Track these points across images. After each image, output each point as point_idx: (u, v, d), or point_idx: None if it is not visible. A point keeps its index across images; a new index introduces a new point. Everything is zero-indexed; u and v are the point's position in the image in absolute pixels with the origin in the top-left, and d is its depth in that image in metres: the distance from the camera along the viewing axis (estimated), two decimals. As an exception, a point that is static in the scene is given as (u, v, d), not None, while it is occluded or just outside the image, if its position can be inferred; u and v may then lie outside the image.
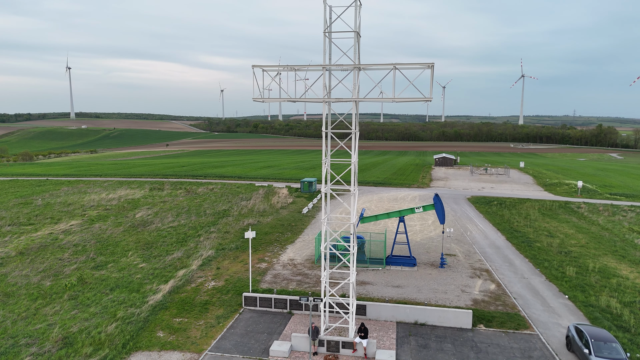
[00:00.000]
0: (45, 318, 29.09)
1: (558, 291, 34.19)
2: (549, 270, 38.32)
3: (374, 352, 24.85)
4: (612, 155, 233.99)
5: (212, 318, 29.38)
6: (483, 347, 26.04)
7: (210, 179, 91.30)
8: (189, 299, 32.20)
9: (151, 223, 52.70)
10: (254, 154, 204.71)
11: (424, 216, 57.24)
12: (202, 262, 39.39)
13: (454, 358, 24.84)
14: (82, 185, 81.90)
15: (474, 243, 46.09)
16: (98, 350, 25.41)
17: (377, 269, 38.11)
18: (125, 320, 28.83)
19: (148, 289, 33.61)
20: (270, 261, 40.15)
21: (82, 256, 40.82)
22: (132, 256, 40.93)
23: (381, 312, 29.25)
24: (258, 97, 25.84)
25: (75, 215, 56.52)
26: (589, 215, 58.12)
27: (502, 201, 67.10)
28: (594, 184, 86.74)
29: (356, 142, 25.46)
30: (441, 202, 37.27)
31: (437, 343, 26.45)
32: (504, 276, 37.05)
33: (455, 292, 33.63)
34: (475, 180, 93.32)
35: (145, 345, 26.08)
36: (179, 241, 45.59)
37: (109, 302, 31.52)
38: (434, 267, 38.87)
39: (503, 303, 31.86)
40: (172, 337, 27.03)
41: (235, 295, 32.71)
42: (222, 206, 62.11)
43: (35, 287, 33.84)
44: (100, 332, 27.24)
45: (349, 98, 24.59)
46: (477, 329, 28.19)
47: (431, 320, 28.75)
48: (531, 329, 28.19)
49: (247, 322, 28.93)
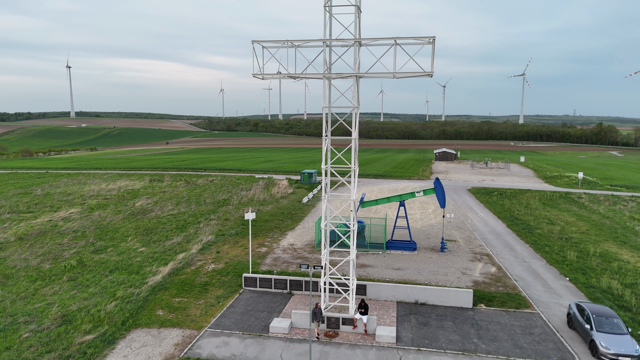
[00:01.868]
0: (45, 298, 28.98)
1: (559, 274, 34.08)
2: (549, 254, 38.21)
3: (374, 328, 24.74)
4: (612, 153, 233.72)
5: (211, 298, 29.27)
6: (484, 324, 25.93)
7: (210, 172, 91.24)
8: (188, 280, 32.09)
9: (151, 211, 52.60)
10: (254, 151, 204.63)
11: (424, 205, 57.10)
12: (202, 246, 39.29)
13: (455, 334, 24.74)
14: (82, 178, 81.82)
15: (474, 230, 45.99)
16: (97, 326, 25.30)
17: (378, 253, 38.00)
18: (125, 299, 28.72)
19: (147, 271, 33.51)
20: (270, 246, 40.04)
21: (82, 241, 40.72)
22: (131, 241, 40.83)
23: (381, 291, 29.14)
24: (257, 73, 25.73)
25: (75, 204, 56.41)
26: (589, 205, 58.00)
27: (502, 192, 67.01)
28: (594, 176, 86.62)
29: (357, 120, 25.33)
30: (441, 186, 37.17)
31: (437, 321, 26.34)
32: (504, 260, 36.94)
33: (456, 274, 33.52)
34: (475, 174, 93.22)
35: (145, 323, 25.97)
36: (179, 227, 45.48)
37: (109, 282, 31.42)
38: (434, 251, 38.76)
39: (504, 284, 31.75)
40: (172, 315, 26.92)
41: (235, 277, 32.60)
42: (222, 196, 62.00)
43: (35, 270, 33.74)
44: (100, 310, 27.14)
45: (350, 73, 24.47)
46: (478, 308, 28.07)
47: (432, 299, 28.63)
48: (532, 308, 28.08)
49: (247, 301, 28.83)
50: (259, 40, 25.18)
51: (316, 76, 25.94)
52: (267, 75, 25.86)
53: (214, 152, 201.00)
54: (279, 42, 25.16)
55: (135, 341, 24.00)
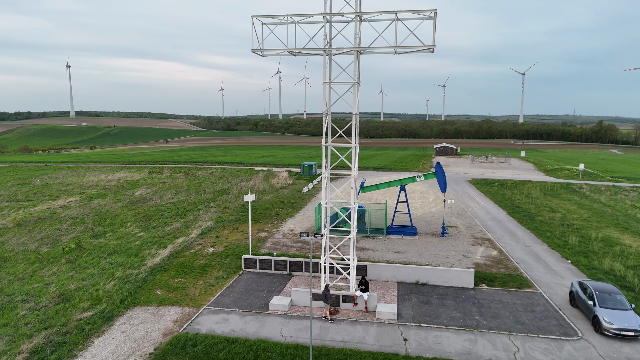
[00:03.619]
0: (42, 279, 28.74)
1: (560, 257, 33.87)
2: (551, 239, 37.99)
3: (374, 305, 24.51)
4: (612, 151, 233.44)
5: (211, 279, 29.05)
6: (485, 303, 25.70)
7: (210, 165, 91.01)
8: (187, 262, 31.87)
9: (150, 200, 52.37)
10: (254, 149, 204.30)
11: (424, 195, 56.86)
12: (202, 231, 39.06)
13: (456, 312, 24.51)
14: (81, 170, 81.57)
15: (475, 217, 45.76)
16: (96, 304, 25.07)
17: (378, 237, 37.77)
18: (124, 279, 28.50)
19: (146, 254, 33.29)
20: (270, 231, 39.82)
21: (81, 227, 40.49)
22: (130, 227, 40.60)
23: (382, 272, 28.91)
24: (257, 49, 25.51)
25: (74, 194, 56.18)
26: (590, 195, 57.78)
27: (503, 183, 66.80)
28: (595, 169, 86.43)
29: (357, 95, 25.10)
30: (442, 170, 36.95)
31: (438, 300, 26.11)
32: (505, 244, 36.72)
33: (457, 257, 33.30)
34: (475, 167, 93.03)
35: (144, 301, 25.74)
36: (178, 214, 45.26)
37: (107, 264, 31.19)
38: (435, 236, 38.53)
39: (505, 266, 31.53)
40: (171, 294, 26.70)
41: (234, 259, 32.38)
42: (222, 186, 61.78)
43: (33, 253, 33.52)
44: (98, 289, 26.91)
45: (350, 47, 24.24)
46: (479, 288, 27.85)
47: (432, 280, 28.41)
48: (534, 288, 27.86)
49: (247, 282, 28.61)
50: (258, 16, 24.96)
51: (316, 52, 25.72)
52: (267, 51, 25.65)
53: (213, 149, 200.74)
54: (279, 17, 24.94)
55: (134, 318, 23.78)
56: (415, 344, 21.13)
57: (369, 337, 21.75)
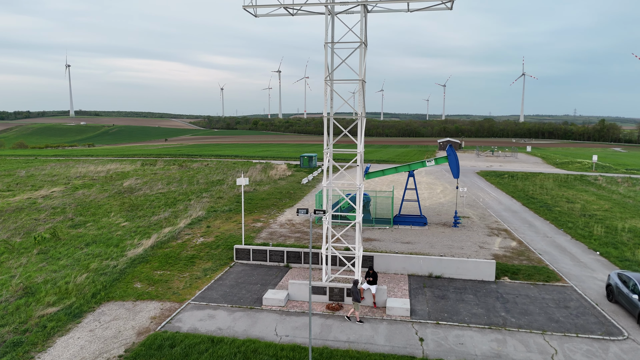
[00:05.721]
0: (9, 270, 25.49)
1: (587, 248, 30.60)
2: (573, 230, 34.72)
3: (384, 300, 21.24)
4: (615, 149, 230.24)
5: (198, 271, 25.79)
6: (510, 297, 22.43)
7: (206, 158, 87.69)
8: (173, 253, 28.60)
9: (139, 190, 49.07)
10: (253, 146, 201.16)
11: (431, 185, 53.55)
12: (191, 221, 35.79)
13: (478, 307, 21.24)
14: (72, 163, 78.26)
15: (487, 207, 42.49)
16: (63, 299, 21.80)
17: (384, 228, 34.51)
18: (99, 271, 25.23)
19: (128, 244, 30.01)
20: (267, 221, 36.55)
21: (60, 217, 37.23)
22: (114, 216, 37.34)
23: (390, 263, 25.64)
24: (249, 5, 22.25)
25: (59, 184, 52.88)
26: (607, 186, 54.49)
27: (513, 174, 63.50)
28: (606, 162, 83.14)
29: (364, 58, 21.85)
30: (455, 154, 33.68)
31: (456, 294, 22.84)
32: (525, 235, 33.45)
33: (473, 248, 30.04)
34: (482, 161, 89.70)
35: (119, 296, 22.47)
36: (168, 204, 41.98)
37: (83, 255, 27.91)
38: (446, 226, 35.27)
39: (527, 258, 28.26)
40: (151, 288, 23.44)
41: (225, 250, 29.12)
42: (217, 177, 58.46)
43: (2, 242, 30.24)
44: (69, 282, 23.65)
45: (356, 0, 20.97)
46: (501, 281, 24.59)
47: (448, 272, 25.13)
48: (563, 281, 24.58)
49: (239, 274, 25.35)
50: (251, -34, 21.73)
51: (317, 8, 22.50)
52: (260, 8, 22.42)
53: (212, 147, 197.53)
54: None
55: (106, 314, 20.52)
56: (434, 345, 17.86)
57: (379, 336, 18.49)
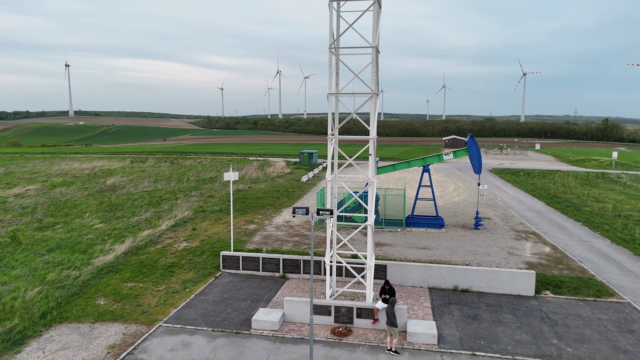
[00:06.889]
0: (-51, 282, 21.19)
1: (633, 255, 26.28)
2: (612, 233, 30.39)
3: (404, 323, 16.90)
4: (619, 149, 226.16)
5: (176, 283, 21.47)
6: (558, 318, 18.10)
7: (200, 155, 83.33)
8: (149, 260, 24.28)
9: (122, 188, 44.72)
10: (253, 145, 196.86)
11: (442, 184, 49.24)
12: (175, 222, 31.45)
13: (521, 332, 16.92)
14: (57, 160, 73.89)
15: (508, 207, 38.17)
16: (4, 321, 17.49)
17: (396, 230, 30.21)
18: (55, 284, 20.90)
19: (98, 250, 25.69)
20: (262, 223, 32.23)
21: (27, 217, 32.92)
22: (89, 217, 33.00)
23: (407, 274, 21.31)
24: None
25: (36, 182, 48.55)
26: (633, 184, 50.17)
27: (529, 172, 59.19)
28: (623, 160, 78.81)
29: (378, 19, 17.56)
30: (477, 145, 29.32)
31: (490, 313, 18.52)
32: (557, 239, 29.12)
33: (501, 255, 25.71)
34: (491, 158, 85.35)
35: (75, 316, 18.14)
36: (151, 204, 37.66)
37: (42, 263, 23.59)
38: (466, 229, 30.95)
39: (567, 267, 23.94)
40: (117, 305, 19.12)
41: (211, 257, 24.81)
42: (209, 174, 54.13)
43: (-48, 248, 25.93)
44: (16, 298, 19.34)
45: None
46: (543, 296, 20.26)
47: (477, 285, 20.81)
48: (618, 297, 20.26)
49: (225, 287, 21.04)
50: None
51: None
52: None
53: (211, 147, 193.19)
54: None
55: (54, 341, 16.21)
56: (475, 388, 13.55)
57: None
